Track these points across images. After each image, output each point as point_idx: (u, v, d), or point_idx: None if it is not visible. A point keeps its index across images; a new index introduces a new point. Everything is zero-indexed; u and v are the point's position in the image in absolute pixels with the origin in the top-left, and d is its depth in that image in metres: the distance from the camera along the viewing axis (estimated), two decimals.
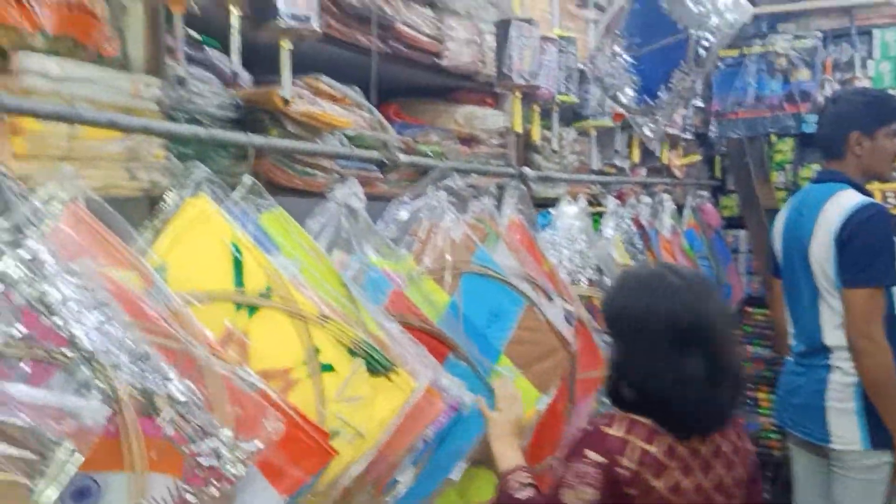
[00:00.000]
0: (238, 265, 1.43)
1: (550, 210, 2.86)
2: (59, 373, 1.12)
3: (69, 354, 1.12)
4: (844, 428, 2.60)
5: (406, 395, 1.53)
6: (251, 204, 1.53)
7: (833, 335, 2.62)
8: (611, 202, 3.11)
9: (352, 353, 1.50)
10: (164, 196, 1.43)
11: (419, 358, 1.64)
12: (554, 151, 2.87)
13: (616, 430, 1.64)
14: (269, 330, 1.45)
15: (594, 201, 3.31)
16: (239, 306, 1.44)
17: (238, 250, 1.43)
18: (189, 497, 1.20)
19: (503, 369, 2.02)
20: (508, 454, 1.82)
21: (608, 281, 2.79)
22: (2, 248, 1.12)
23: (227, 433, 1.23)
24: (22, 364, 1.09)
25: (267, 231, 1.53)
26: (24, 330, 1.10)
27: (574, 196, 2.90)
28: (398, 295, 1.82)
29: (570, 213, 2.80)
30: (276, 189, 1.92)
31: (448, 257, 2.04)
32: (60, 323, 1.12)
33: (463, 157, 2.54)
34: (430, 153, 2.30)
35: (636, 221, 3.24)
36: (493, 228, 2.29)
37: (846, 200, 2.61)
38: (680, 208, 4.07)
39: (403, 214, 1.91)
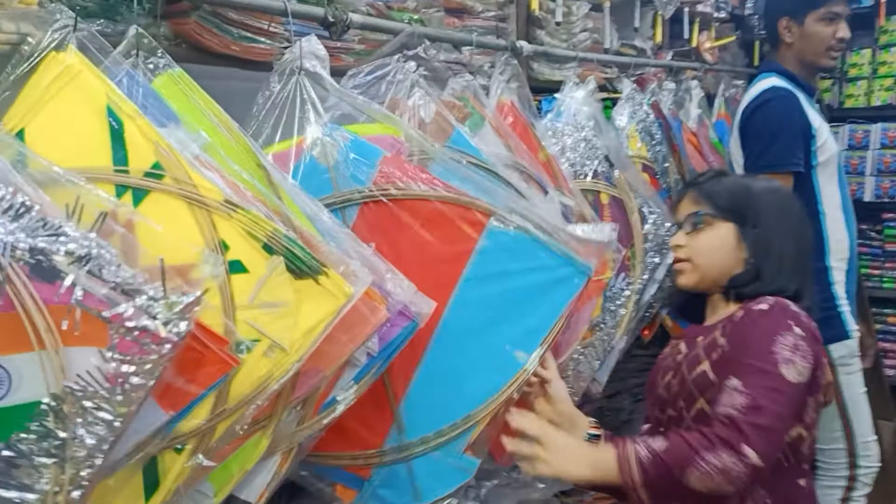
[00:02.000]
0: (117, 137, 1.15)
1: (557, 95, 2.52)
2: None
3: None
4: None
5: (338, 301, 1.26)
6: (144, 64, 1.23)
7: None
8: (626, 86, 2.74)
9: (268, 249, 1.22)
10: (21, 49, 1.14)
11: (362, 257, 1.36)
12: (557, 24, 2.50)
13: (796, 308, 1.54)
14: (161, 220, 1.17)
15: (610, 87, 2.94)
16: (121, 190, 1.16)
17: (116, 119, 1.15)
18: (126, 367, 0.97)
19: None
20: (590, 467, 1.43)
21: (617, 174, 2.47)
22: None
23: (156, 287, 0.99)
24: None
25: (163, 98, 1.24)
26: None
27: (584, 79, 2.54)
28: (392, 161, 1.51)
29: (576, 96, 2.45)
30: (210, 57, 1.62)
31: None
32: None
33: (449, 29, 2.20)
34: (404, 20, 1.96)
35: (656, 109, 2.88)
36: (478, 109, 1.97)
37: (757, 88, 2.56)
38: (711, 98, 3.69)
39: (356, 89, 1.59)
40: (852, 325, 2.49)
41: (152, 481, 1.17)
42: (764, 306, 1.53)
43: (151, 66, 1.23)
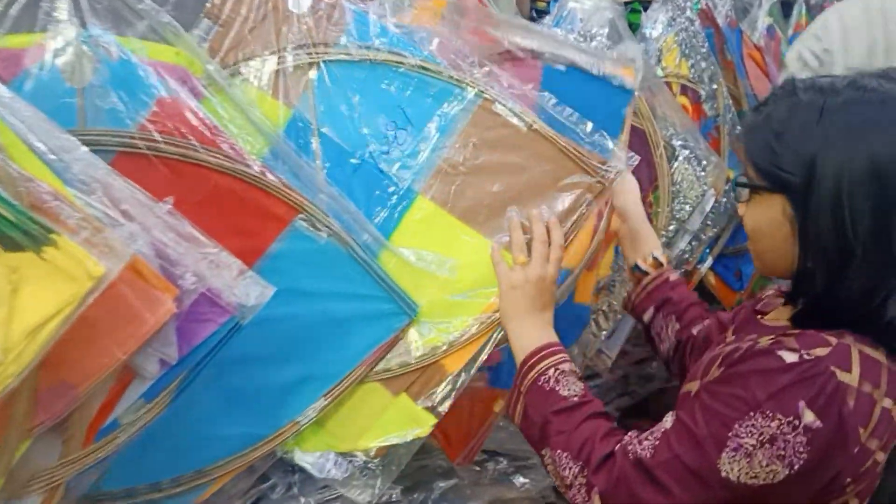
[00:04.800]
0: None
1: None
2: None
3: None
4: None
5: (80, 285, 0.84)
6: None
7: None
8: None
9: None
10: None
11: (149, 220, 0.93)
12: None
13: (851, 377, 0.95)
14: None
15: None
16: None
17: None
18: None
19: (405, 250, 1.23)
20: (527, 333, 1.19)
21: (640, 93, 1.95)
22: None
23: None
24: None
25: None
26: None
27: None
28: (175, 105, 1.07)
29: None
30: None
31: (291, 39, 1.24)
32: None
33: None
34: None
35: (705, 16, 2.30)
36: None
37: None
38: (790, 6, 3.05)
39: None
40: None
41: None
42: (790, 356, 0.96)
43: None
